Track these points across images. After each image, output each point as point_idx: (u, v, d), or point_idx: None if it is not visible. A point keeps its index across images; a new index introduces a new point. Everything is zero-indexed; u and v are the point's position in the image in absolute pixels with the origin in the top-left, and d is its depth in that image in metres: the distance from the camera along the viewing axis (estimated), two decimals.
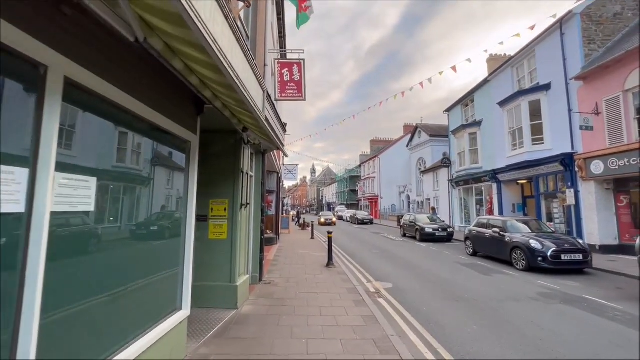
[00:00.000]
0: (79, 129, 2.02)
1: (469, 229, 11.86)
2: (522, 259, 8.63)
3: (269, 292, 6.18)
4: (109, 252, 2.35)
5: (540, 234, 9.14)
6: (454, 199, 21.98)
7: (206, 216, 5.16)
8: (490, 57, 21.21)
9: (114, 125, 2.36)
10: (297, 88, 7.90)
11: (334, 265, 8.90)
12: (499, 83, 16.96)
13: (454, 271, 8.66)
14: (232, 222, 5.14)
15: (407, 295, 6.31)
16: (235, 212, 5.15)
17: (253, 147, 6.53)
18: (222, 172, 5.23)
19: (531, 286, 6.99)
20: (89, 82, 1.96)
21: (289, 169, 19.26)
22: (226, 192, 5.20)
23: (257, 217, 6.92)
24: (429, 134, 29.95)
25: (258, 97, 3.64)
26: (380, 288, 6.92)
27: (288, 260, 9.95)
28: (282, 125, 6.72)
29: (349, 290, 6.42)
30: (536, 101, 13.61)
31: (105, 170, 2.29)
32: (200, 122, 3.90)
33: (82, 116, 2.06)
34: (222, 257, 5.08)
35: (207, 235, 5.13)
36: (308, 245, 13.62)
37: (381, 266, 9.47)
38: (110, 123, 2.33)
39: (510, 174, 15.48)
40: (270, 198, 14.10)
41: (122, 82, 2.26)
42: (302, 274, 7.92)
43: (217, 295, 4.97)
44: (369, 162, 48.13)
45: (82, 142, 2.04)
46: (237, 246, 5.10)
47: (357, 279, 7.68)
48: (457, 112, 21.92)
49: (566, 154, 11.93)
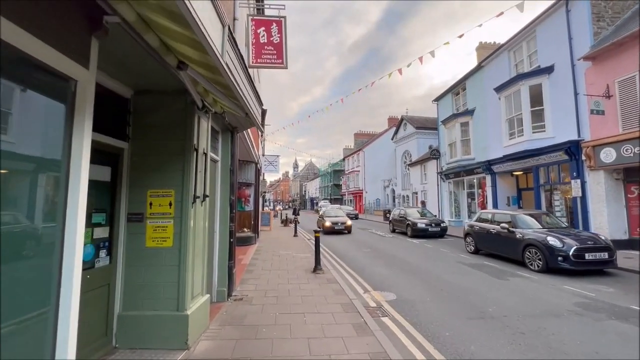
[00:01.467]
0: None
1: (469, 224, 10.73)
2: (538, 259, 7.50)
3: (239, 314, 4.64)
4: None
5: (556, 230, 8.05)
6: (444, 192, 21.04)
7: (142, 214, 3.54)
8: (480, 45, 20.34)
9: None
10: (276, 52, 6.30)
11: (322, 269, 7.45)
12: (493, 68, 15.93)
13: (462, 274, 7.42)
14: (181, 223, 3.55)
15: (418, 312, 4.94)
16: (186, 208, 3.56)
17: (217, 121, 4.93)
18: (166, 151, 3.62)
19: (561, 293, 5.81)
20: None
21: (270, 161, 17.60)
22: (172, 180, 3.60)
23: (224, 214, 5.34)
24: (415, 126, 28.97)
25: (213, 28, 2.09)
26: (381, 300, 5.53)
27: (267, 264, 8.41)
28: (258, 97, 5.13)
29: (344, 306, 4.98)
30: (537, 85, 12.60)
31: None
32: (112, 59, 2.29)
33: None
34: (165, 273, 3.49)
35: (144, 241, 3.52)
36: (291, 245, 12.10)
37: (376, 269, 8.11)
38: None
39: (507, 164, 14.52)
40: (247, 192, 12.46)
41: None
42: (284, 283, 6.42)
43: (158, 330, 3.39)
44: (353, 155, 46.96)
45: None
46: (188, 257, 3.52)
47: (352, 288, 6.27)
48: (447, 101, 20.88)
49: (572, 141, 10.97)
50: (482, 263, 8.65)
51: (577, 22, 11.15)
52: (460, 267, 8.15)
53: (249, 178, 12.15)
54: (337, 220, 16.84)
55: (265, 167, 17.45)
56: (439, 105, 21.97)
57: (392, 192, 35.73)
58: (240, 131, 5.86)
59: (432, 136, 27.15)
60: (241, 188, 12.17)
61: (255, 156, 11.39)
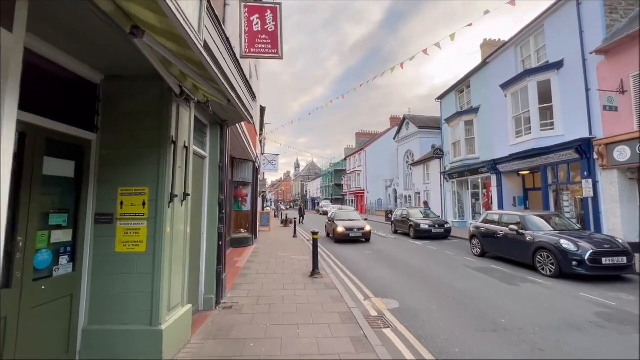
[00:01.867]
0: None
1: (475, 226, 10.26)
2: (550, 263, 7.03)
3: (226, 325, 4.21)
4: None
5: (568, 232, 7.58)
6: (447, 193, 20.55)
7: (111, 215, 3.12)
8: (485, 43, 19.87)
9: None
10: (271, 42, 5.88)
11: (320, 274, 7.02)
12: (499, 65, 15.44)
13: (469, 279, 6.96)
14: (155, 224, 3.13)
15: (423, 323, 4.50)
16: (162, 208, 3.14)
17: (204, 114, 4.50)
18: (140, 144, 3.20)
19: (578, 302, 5.35)
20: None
21: (269, 159, 17.18)
22: (146, 176, 3.18)
23: (212, 215, 4.91)
24: (418, 125, 28.46)
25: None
26: (383, 309, 5.10)
27: (263, 266, 7.99)
28: (249, 87, 4.70)
29: (342, 316, 4.55)
30: (545, 82, 12.10)
31: None
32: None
33: None
34: (137, 282, 3.07)
35: (113, 246, 3.10)
36: (289, 246, 11.67)
37: (378, 272, 7.67)
38: None
39: (513, 164, 14.03)
40: (244, 191, 12.04)
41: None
42: (278, 288, 5.99)
43: (128, 347, 2.97)
44: (354, 155, 46.47)
45: None
46: (163, 263, 3.10)
47: (351, 294, 5.84)
48: (451, 99, 20.39)
49: (583, 139, 10.48)
50: (490, 267, 8.19)
51: (588, 14, 10.66)
52: (467, 271, 7.70)
53: (246, 177, 11.73)
54: (353, 226, 13.27)
55: (264, 166, 17.03)
56: (442, 103, 21.48)
57: (394, 192, 35.22)
58: (232, 125, 5.43)
59: (435, 135, 26.67)
60: (238, 187, 11.75)
61: (252, 154, 10.98)
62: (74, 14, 2.09)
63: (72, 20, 2.19)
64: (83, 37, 2.47)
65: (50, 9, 2.03)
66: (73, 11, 2.06)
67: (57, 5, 1.99)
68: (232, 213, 11.56)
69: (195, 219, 4.56)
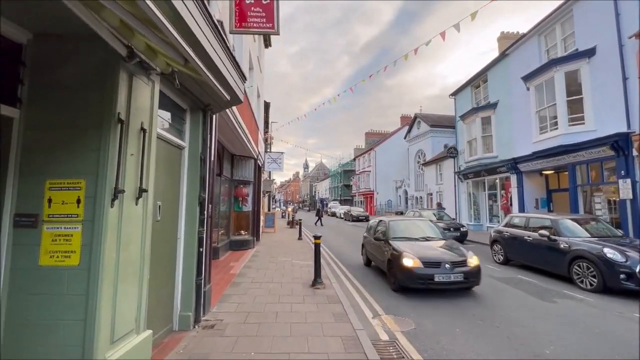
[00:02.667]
0: None
1: (497, 230, 9.26)
2: (592, 275, 6.02)
3: (201, 352, 3.41)
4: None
5: (611, 239, 6.55)
6: (461, 194, 19.43)
7: (36, 216, 2.35)
8: (502, 36, 18.72)
9: None
10: (265, 15, 5.09)
11: (323, 283, 6.17)
12: (520, 56, 14.33)
13: (494, 292, 6.02)
14: (93, 229, 2.35)
15: (445, 352, 3.62)
16: (101, 207, 2.36)
17: (182, 96, 3.73)
18: (76, 123, 2.43)
19: (635, 326, 4.37)
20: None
21: (273, 158, 16.42)
22: (83, 165, 2.41)
23: (191, 216, 4.12)
24: (430, 124, 27.33)
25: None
26: (396, 331, 4.23)
27: (260, 273, 7.19)
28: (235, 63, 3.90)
29: (345, 341, 3.70)
30: (574, 72, 11.00)
31: None
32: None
33: None
34: (66, 306, 2.29)
35: (37, 257, 2.33)
36: (293, 249, 10.86)
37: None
38: None
39: (536, 162, 12.91)
40: (245, 190, 11.29)
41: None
42: (273, 301, 5.17)
43: None
44: (363, 155, 45.45)
45: None
46: (102, 281, 2.31)
47: (358, 309, 4.99)
48: (466, 95, 19.28)
49: (620, 134, 9.36)
50: (517, 277, 7.21)
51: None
52: (491, 282, 6.74)
53: (246, 175, 10.99)
54: (440, 258, 5.82)
55: (268, 165, 16.29)
56: (457, 99, 20.38)
57: (404, 193, 34.10)
58: (218, 111, 4.65)
59: (447, 134, 25.54)
60: (238, 186, 11.02)
61: (253, 151, 10.23)
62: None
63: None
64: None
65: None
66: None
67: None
68: (231, 214, 10.84)
69: (169, 222, 3.80)
